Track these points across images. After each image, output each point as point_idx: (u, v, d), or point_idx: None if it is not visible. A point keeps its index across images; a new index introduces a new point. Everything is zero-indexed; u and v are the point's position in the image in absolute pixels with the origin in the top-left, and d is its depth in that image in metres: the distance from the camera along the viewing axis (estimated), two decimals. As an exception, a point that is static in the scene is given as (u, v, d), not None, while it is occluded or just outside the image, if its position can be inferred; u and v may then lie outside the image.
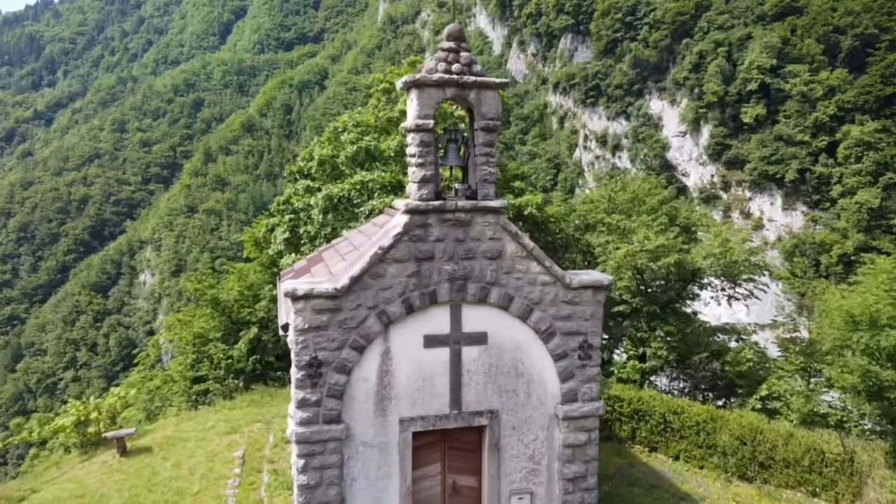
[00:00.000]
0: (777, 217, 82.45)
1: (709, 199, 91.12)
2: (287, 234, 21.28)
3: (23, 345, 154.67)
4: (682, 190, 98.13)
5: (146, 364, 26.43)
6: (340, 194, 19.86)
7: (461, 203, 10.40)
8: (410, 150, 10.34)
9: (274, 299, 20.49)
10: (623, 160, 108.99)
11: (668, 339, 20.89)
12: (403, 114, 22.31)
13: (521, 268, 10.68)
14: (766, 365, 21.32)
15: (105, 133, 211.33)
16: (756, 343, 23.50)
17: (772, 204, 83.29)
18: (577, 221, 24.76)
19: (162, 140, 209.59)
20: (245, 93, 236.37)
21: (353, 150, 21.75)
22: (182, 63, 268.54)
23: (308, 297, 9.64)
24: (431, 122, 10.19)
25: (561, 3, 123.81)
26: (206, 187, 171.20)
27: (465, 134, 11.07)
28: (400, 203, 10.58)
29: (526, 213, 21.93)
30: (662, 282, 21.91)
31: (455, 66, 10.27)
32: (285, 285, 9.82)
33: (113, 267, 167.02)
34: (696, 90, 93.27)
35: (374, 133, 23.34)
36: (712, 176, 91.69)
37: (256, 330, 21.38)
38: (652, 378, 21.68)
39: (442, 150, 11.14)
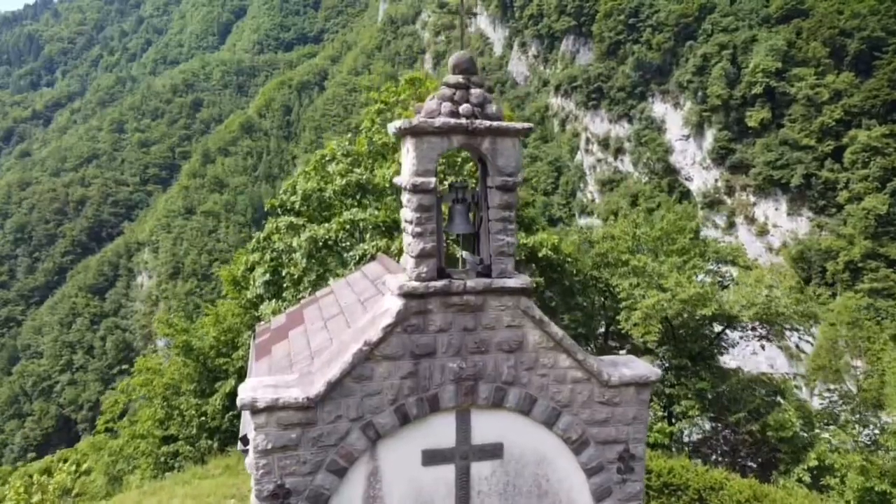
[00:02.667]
0: (782, 222, 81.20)
1: (712, 203, 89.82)
2: (268, 277, 19.16)
3: (19, 347, 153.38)
4: (686, 194, 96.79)
5: (114, 412, 23.82)
6: (326, 236, 17.84)
7: (471, 283, 8.15)
8: (406, 214, 8.18)
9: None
10: (625, 164, 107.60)
11: (701, 396, 18.66)
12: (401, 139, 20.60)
13: (547, 362, 8.47)
14: (808, 418, 18.91)
15: (103, 133, 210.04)
16: (797, 389, 21.29)
17: (776, 209, 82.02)
18: (597, 259, 22.25)
19: (160, 141, 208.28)
20: (244, 93, 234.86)
21: (343, 183, 19.39)
22: (181, 63, 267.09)
23: (272, 409, 7.48)
24: (433, 180, 8.02)
25: (563, 4, 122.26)
26: (204, 189, 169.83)
27: (476, 189, 8.91)
28: (392, 280, 8.36)
29: (540, 255, 19.46)
30: (693, 330, 19.79)
31: (464, 108, 8.07)
32: (241, 394, 7.63)
33: (110, 269, 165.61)
34: (700, 93, 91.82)
35: (366, 160, 21.19)
36: (716, 180, 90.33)
37: (234, 382, 19.10)
38: (682, 440, 19.53)
39: (446, 211, 8.96)
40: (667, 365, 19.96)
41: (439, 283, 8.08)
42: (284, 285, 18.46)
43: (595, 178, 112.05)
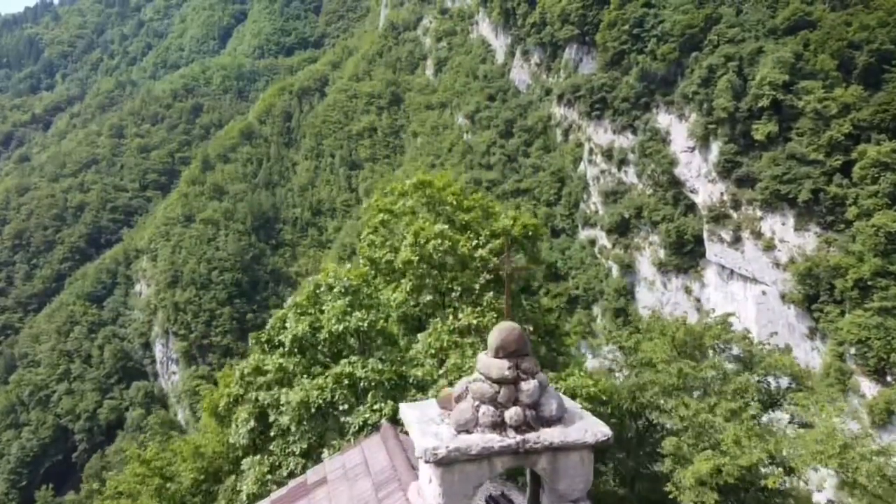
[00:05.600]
0: (789, 238, 79.91)
1: (718, 217, 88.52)
2: (252, 424, 16.69)
3: (16, 355, 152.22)
4: (691, 207, 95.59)
5: None
6: (321, 399, 15.50)
7: None
8: None
9: (235, 491, 16.54)
10: (630, 175, 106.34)
11: None
12: (409, 265, 18.51)
13: None
14: None
15: (103, 138, 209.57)
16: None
17: (784, 224, 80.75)
18: (633, 389, 19.51)
19: (160, 146, 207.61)
20: (244, 98, 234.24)
21: (340, 329, 16.55)
22: (181, 67, 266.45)
23: None
24: None
25: (566, 13, 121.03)
26: (203, 196, 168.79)
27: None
28: None
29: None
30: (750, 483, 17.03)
31: (512, 414, 5.70)
32: None
33: (108, 276, 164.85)
34: (706, 105, 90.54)
35: (367, 290, 18.29)
36: (722, 194, 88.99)
37: None
38: None
39: None
40: None
41: None
42: (272, 434, 16.43)
43: (598, 189, 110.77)
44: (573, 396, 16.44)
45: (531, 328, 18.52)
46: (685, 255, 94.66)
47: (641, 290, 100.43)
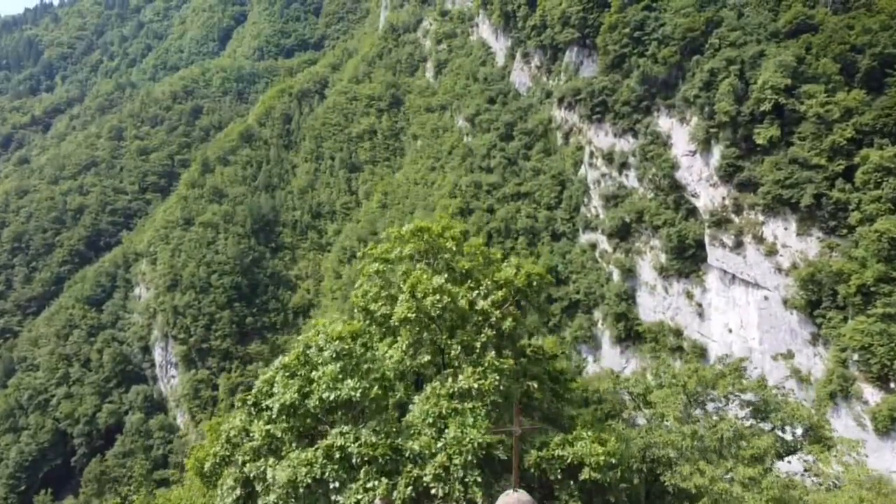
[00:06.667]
0: (791, 243, 79.34)
1: (720, 222, 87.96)
2: (238, 492, 15.86)
3: (15, 359, 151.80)
4: (692, 212, 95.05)
5: None
6: (311, 476, 14.62)
7: None
8: None
9: None
10: (630, 179, 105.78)
11: None
12: (405, 322, 17.63)
13: None
14: None
15: (102, 140, 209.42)
16: None
17: (786, 229, 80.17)
18: (642, 447, 18.72)
19: (159, 148, 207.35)
20: (244, 100, 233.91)
21: (331, 397, 15.47)
22: (181, 69, 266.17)
23: None
24: None
25: (566, 15, 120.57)
26: (202, 199, 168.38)
27: None
28: None
29: (583, 476, 15.80)
30: None
31: None
32: None
33: (108, 280, 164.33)
34: (707, 109, 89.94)
35: (360, 348, 17.30)
36: (723, 198, 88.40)
37: None
38: None
39: None
40: None
41: None
42: (259, 501, 15.68)
43: (599, 192, 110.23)
44: (580, 465, 15.70)
45: (535, 385, 17.77)
46: (687, 260, 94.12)
47: (643, 294, 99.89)
